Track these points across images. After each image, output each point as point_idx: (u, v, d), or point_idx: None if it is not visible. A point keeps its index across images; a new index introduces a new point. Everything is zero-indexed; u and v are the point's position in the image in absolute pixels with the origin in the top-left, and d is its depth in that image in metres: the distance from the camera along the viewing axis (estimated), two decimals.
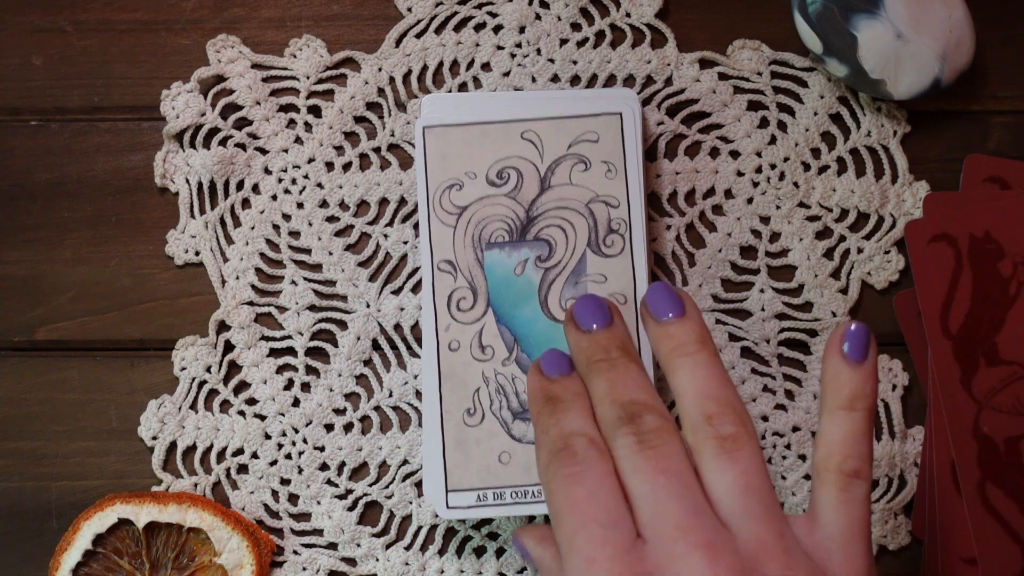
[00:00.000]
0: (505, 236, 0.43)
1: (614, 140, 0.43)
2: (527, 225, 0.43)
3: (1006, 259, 0.45)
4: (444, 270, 0.43)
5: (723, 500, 0.31)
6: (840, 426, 0.33)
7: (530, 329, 0.43)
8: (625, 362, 0.34)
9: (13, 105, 0.48)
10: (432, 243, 0.43)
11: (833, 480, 0.33)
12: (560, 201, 0.43)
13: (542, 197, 0.43)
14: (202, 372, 0.46)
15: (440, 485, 0.42)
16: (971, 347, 0.45)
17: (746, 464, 0.32)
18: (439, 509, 0.42)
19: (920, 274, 0.45)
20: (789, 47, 0.47)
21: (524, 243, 0.43)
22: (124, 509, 0.44)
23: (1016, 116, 0.47)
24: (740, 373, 0.46)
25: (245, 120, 0.47)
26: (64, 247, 0.47)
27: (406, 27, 0.47)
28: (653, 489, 0.31)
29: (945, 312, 0.45)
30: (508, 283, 0.43)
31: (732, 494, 0.31)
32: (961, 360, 0.45)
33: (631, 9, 0.47)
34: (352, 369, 0.46)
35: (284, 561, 0.46)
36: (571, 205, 0.43)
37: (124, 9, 0.48)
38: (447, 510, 0.42)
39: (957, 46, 0.45)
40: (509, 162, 0.43)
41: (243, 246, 0.47)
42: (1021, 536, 0.44)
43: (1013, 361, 0.44)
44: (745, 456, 0.32)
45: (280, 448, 0.46)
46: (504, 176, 0.43)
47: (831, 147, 0.47)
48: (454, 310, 0.43)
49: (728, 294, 0.47)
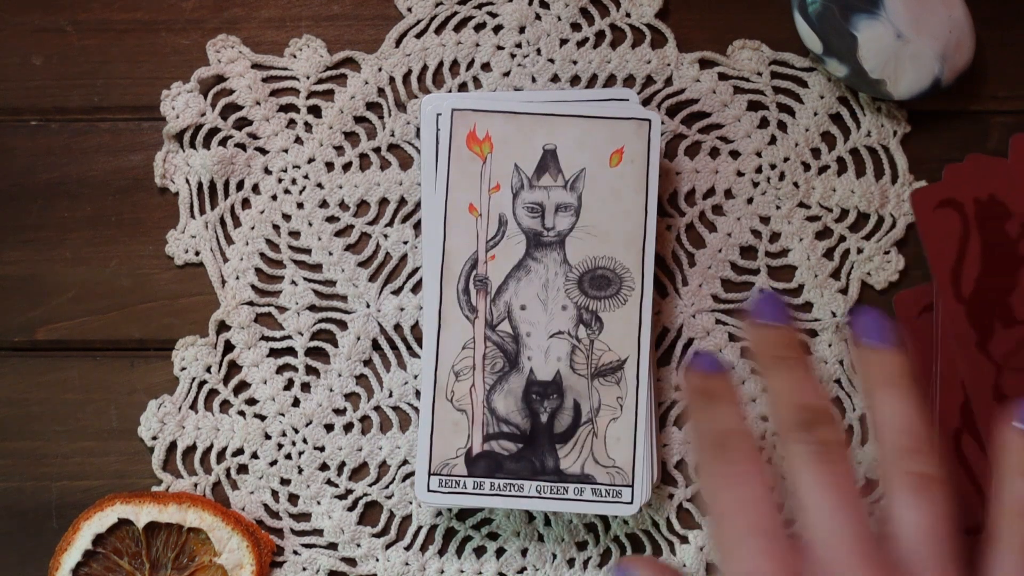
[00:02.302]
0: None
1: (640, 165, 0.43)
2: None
3: (1013, 220, 0.45)
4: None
5: (908, 538, 0.30)
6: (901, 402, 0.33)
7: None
8: (805, 366, 0.34)
9: (13, 105, 0.48)
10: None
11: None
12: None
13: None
14: (202, 372, 0.46)
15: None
16: (985, 310, 0.45)
17: (940, 508, 0.31)
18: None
19: (929, 241, 0.45)
20: (789, 47, 0.47)
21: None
22: (124, 509, 0.44)
23: (1016, 116, 0.47)
24: (740, 373, 0.46)
25: (245, 120, 0.47)
26: (64, 247, 0.47)
27: (406, 27, 0.47)
28: (827, 505, 0.30)
29: (956, 277, 0.45)
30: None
31: (918, 536, 0.30)
32: (976, 324, 0.44)
33: (631, 9, 0.47)
34: (352, 369, 0.46)
35: (284, 561, 0.46)
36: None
37: (124, 9, 0.48)
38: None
39: (957, 46, 0.45)
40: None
41: (243, 246, 0.47)
42: None
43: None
44: (939, 498, 0.31)
45: (280, 448, 0.46)
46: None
47: (831, 147, 0.47)
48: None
49: (728, 294, 0.47)
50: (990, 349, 0.44)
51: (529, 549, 0.46)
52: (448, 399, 0.43)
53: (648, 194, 0.43)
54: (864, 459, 0.46)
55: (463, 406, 0.43)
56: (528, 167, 0.43)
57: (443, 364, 0.43)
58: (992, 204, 0.45)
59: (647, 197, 0.43)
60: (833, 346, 0.46)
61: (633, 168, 0.43)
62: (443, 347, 0.43)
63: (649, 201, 0.43)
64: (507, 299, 0.43)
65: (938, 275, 0.45)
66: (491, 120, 0.43)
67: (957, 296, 0.44)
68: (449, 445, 0.42)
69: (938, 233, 0.45)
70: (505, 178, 0.43)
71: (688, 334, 0.46)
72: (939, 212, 0.45)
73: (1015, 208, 0.45)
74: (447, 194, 0.43)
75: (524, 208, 0.43)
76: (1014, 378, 0.44)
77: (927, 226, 0.45)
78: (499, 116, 0.43)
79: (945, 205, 0.45)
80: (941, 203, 0.45)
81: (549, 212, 0.43)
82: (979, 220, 0.45)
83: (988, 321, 0.45)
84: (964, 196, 0.45)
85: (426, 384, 0.43)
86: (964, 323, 0.45)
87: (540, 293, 0.43)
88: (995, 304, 0.45)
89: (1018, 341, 0.44)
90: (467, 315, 0.43)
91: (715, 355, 0.35)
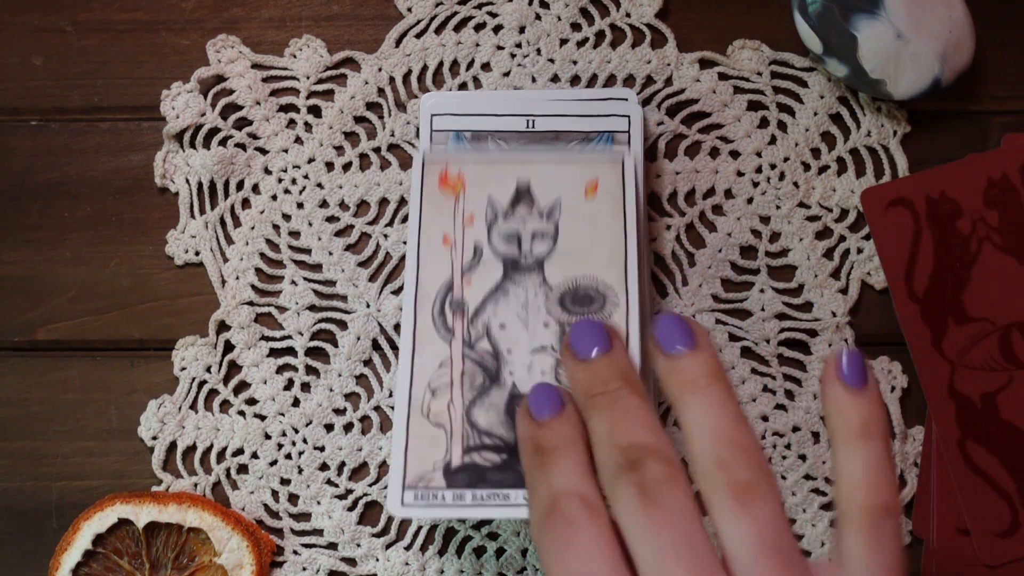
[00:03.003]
0: None
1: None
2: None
3: (964, 217, 0.45)
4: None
5: (738, 558, 0.28)
6: (858, 457, 0.30)
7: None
8: (627, 394, 0.31)
9: (13, 105, 0.48)
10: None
11: (861, 520, 0.29)
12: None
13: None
14: (202, 372, 0.46)
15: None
16: (938, 308, 0.45)
17: (764, 516, 0.28)
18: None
19: (881, 240, 0.45)
20: (789, 47, 0.47)
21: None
22: (124, 509, 0.44)
23: (1016, 116, 0.47)
24: (740, 373, 0.46)
25: (245, 120, 0.47)
26: (64, 247, 0.47)
27: (406, 27, 0.47)
28: (657, 551, 0.28)
29: (909, 276, 0.45)
30: None
31: (748, 551, 0.28)
32: (930, 322, 0.45)
33: (631, 9, 0.47)
34: (352, 369, 0.46)
35: (284, 561, 0.46)
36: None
37: (124, 9, 0.48)
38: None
39: (957, 46, 0.45)
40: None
41: (243, 246, 0.47)
42: (1006, 491, 0.44)
43: (981, 318, 0.45)
44: (762, 507, 0.29)
45: (280, 448, 0.46)
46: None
47: (831, 147, 0.47)
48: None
49: (728, 294, 0.47)
50: (944, 347, 0.45)
51: (529, 549, 0.46)
52: (424, 415, 0.42)
53: (627, 221, 0.43)
54: None
55: (441, 421, 0.42)
56: (503, 200, 0.43)
57: (418, 382, 0.42)
58: (943, 201, 0.45)
59: (625, 224, 0.43)
60: (833, 346, 0.46)
61: (609, 197, 0.43)
62: (418, 365, 0.42)
63: (628, 227, 0.43)
64: (485, 319, 0.43)
65: (891, 275, 0.45)
66: (463, 161, 0.43)
67: (911, 295, 0.45)
68: (425, 459, 0.41)
69: (890, 232, 0.45)
70: (480, 211, 0.43)
71: None
72: (891, 211, 0.45)
73: (967, 205, 0.45)
74: (420, 229, 0.43)
75: (500, 237, 0.43)
76: (968, 375, 0.45)
77: (879, 226, 0.45)
78: (470, 157, 0.43)
79: (896, 204, 0.45)
80: (892, 202, 0.45)
81: (526, 239, 0.43)
82: (930, 218, 0.45)
83: (942, 319, 0.45)
84: (915, 194, 0.45)
85: (400, 401, 0.42)
86: (918, 322, 0.45)
87: (520, 313, 0.43)
88: (948, 302, 0.45)
89: (971, 338, 0.45)
90: (443, 336, 0.43)
91: (551, 388, 0.32)
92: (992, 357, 0.45)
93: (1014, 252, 0.45)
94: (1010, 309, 0.45)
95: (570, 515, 0.30)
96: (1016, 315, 0.45)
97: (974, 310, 0.45)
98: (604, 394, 0.31)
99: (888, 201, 0.45)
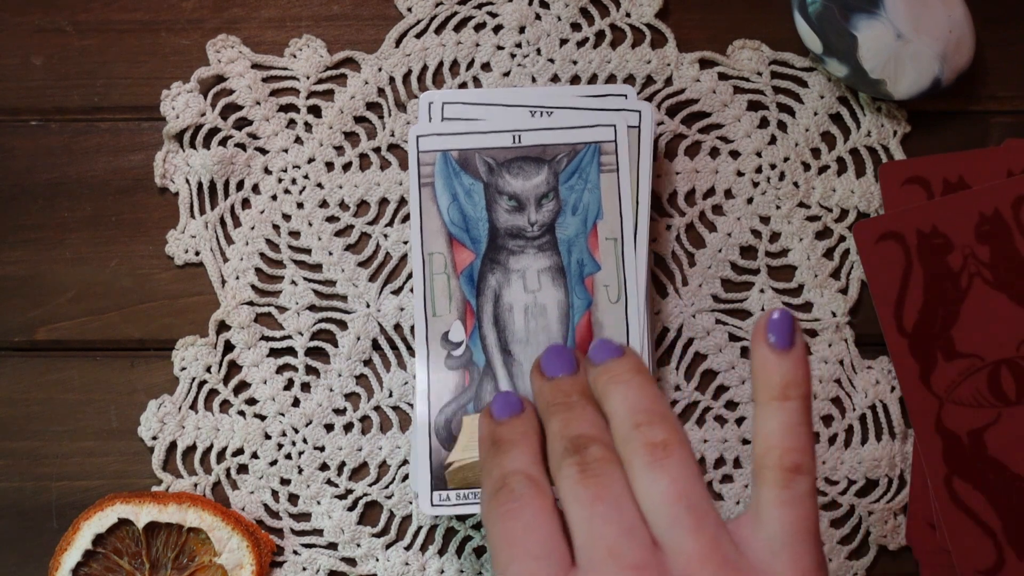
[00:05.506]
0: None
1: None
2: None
3: (955, 252, 0.45)
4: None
5: (654, 513, 0.30)
6: (776, 418, 0.31)
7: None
8: (583, 404, 0.33)
9: (13, 105, 0.48)
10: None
11: (774, 477, 0.31)
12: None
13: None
14: (202, 372, 0.46)
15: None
16: (927, 343, 0.45)
17: (676, 471, 0.30)
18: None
19: (872, 273, 0.45)
20: (789, 47, 0.47)
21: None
22: (124, 509, 0.44)
23: (1016, 116, 0.47)
24: (740, 373, 0.46)
25: (245, 120, 0.47)
26: (64, 247, 0.47)
27: (406, 27, 0.47)
28: (589, 515, 0.30)
29: (899, 310, 0.45)
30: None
31: (662, 506, 0.30)
32: (919, 357, 0.45)
33: (631, 9, 0.47)
34: (352, 369, 0.46)
35: (284, 561, 0.46)
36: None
37: (124, 9, 0.48)
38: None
39: (957, 46, 0.45)
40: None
41: (243, 246, 0.47)
42: (992, 528, 0.44)
43: (970, 354, 0.44)
44: (675, 463, 0.30)
45: (280, 448, 0.46)
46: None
47: (831, 147, 0.47)
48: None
49: (728, 294, 0.47)
50: (932, 382, 0.44)
51: None
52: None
53: (640, 187, 0.44)
54: (864, 457, 0.46)
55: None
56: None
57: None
58: (934, 236, 0.45)
59: (638, 191, 0.44)
60: (833, 346, 0.46)
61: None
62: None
63: (642, 195, 0.44)
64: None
65: (881, 308, 0.45)
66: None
67: (900, 329, 0.45)
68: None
69: (881, 266, 0.45)
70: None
71: (688, 334, 0.46)
72: (882, 244, 0.45)
73: (958, 240, 0.45)
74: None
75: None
76: (956, 411, 0.44)
77: (870, 259, 0.45)
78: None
79: (887, 238, 0.45)
80: (883, 235, 0.45)
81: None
82: (921, 252, 0.45)
83: (931, 354, 0.45)
84: (906, 228, 0.45)
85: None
86: (908, 356, 0.45)
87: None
88: (937, 337, 0.45)
89: (960, 374, 0.44)
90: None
91: (513, 395, 0.35)
92: (980, 393, 0.44)
93: (1005, 288, 0.45)
94: (1000, 346, 0.45)
95: (516, 490, 0.32)
96: (1006, 352, 0.44)
97: (963, 346, 0.45)
98: (563, 403, 0.33)
99: (879, 235, 0.45)
